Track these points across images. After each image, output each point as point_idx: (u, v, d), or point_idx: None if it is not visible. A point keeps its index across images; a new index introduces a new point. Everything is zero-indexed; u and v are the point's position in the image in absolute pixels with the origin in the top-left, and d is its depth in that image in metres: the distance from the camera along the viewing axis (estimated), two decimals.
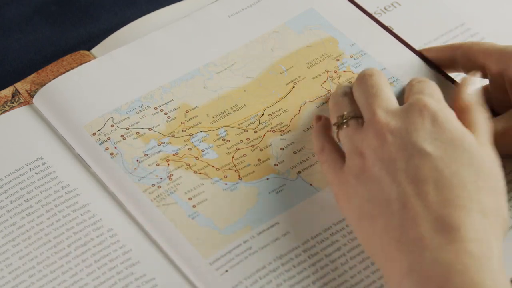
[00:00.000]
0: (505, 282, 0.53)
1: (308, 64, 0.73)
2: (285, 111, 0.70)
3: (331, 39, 0.74)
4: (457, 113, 0.61)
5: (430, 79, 0.71)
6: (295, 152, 0.67)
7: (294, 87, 0.72)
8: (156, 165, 0.67)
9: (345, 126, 0.62)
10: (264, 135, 0.69)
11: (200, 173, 0.66)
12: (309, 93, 0.71)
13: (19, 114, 0.72)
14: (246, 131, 0.69)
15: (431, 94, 0.62)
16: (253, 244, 0.62)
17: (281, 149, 0.68)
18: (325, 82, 0.72)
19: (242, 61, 0.73)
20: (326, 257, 0.62)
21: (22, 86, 0.74)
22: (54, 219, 0.65)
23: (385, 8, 0.80)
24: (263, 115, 0.70)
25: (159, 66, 0.73)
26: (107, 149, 0.68)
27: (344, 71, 0.72)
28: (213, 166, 0.67)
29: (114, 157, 0.67)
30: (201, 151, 0.68)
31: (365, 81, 0.63)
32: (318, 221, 0.63)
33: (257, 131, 0.69)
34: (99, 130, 0.69)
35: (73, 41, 0.80)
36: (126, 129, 0.69)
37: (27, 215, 0.65)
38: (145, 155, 0.67)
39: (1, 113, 0.72)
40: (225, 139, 0.68)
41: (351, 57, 0.73)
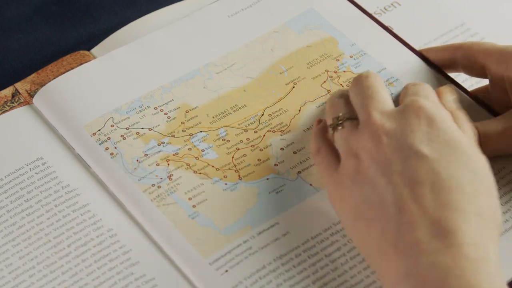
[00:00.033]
0: (502, 284, 0.53)
1: (308, 64, 0.73)
2: (285, 111, 0.70)
3: (331, 39, 0.74)
4: None
5: (430, 79, 0.71)
6: (295, 152, 0.67)
7: (294, 87, 0.72)
8: (156, 165, 0.67)
9: (340, 127, 0.62)
10: (264, 135, 0.69)
11: (200, 173, 0.66)
12: (309, 93, 0.71)
13: (19, 114, 0.72)
14: (246, 131, 0.69)
15: (427, 96, 0.61)
16: (253, 244, 0.62)
17: (281, 149, 0.68)
18: (325, 82, 0.72)
19: (242, 61, 0.73)
20: (326, 257, 0.62)
21: (22, 86, 0.74)
22: (54, 219, 0.65)
23: (385, 8, 0.80)
24: (263, 115, 0.70)
25: (159, 66, 0.73)
26: (107, 149, 0.68)
27: (344, 71, 0.72)
28: (213, 166, 0.67)
29: (114, 157, 0.67)
30: (201, 151, 0.68)
31: (360, 83, 0.63)
32: (318, 221, 0.63)
33: (257, 131, 0.69)
34: (99, 130, 0.69)
35: (73, 41, 0.80)
36: (126, 129, 0.69)
37: (27, 215, 0.65)
38: (145, 155, 0.67)
39: (1, 113, 0.72)
40: (225, 139, 0.68)
41: (351, 57, 0.73)
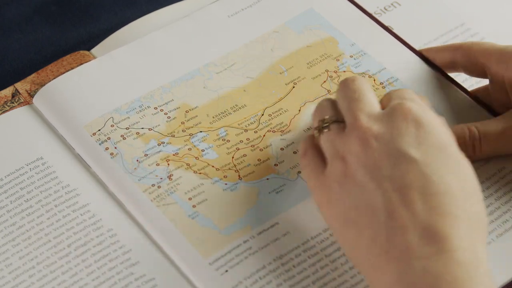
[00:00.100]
0: (492, 286, 0.53)
1: (308, 64, 0.73)
2: (285, 111, 0.70)
3: (331, 39, 0.74)
4: None
5: (430, 79, 0.71)
6: (295, 152, 0.67)
7: (294, 87, 0.72)
8: (156, 165, 0.67)
9: (326, 130, 0.60)
10: (264, 135, 0.69)
11: (200, 173, 0.66)
12: (309, 93, 0.71)
13: (19, 114, 0.72)
14: (246, 131, 0.69)
15: (413, 99, 0.60)
16: (253, 244, 0.62)
17: (281, 149, 0.68)
18: (325, 82, 0.72)
19: (242, 61, 0.73)
20: (326, 257, 0.62)
21: (22, 86, 0.74)
22: (54, 219, 0.65)
23: (385, 8, 0.80)
24: (263, 115, 0.70)
25: (159, 66, 0.73)
26: (107, 149, 0.68)
27: (344, 71, 0.72)
28: (213, 166, 0.67)
29: (114, 157, 0.67)
30: (201, 151, 0.68)
31: (347, 86, 0.62)
32: (318, 221, 0.63)
33: (257, 131, 0.69)
34: (99, 130, 0.69)
35: (73, 41, 0.80)
36: (126, 129, 0.69)
37: (27, 215, 0.65)
38: (145, 155, 0.67)
39: (1, 113, 0.72)
40: (225, 139, 0.68)
41: (351, 57, 0.73)
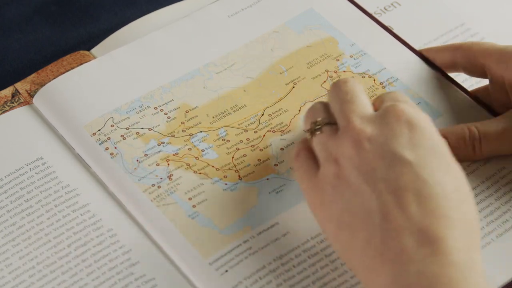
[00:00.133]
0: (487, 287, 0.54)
1: (308, 64, 0.73)
2: (285, 111, 0.70)
3: (331, 39, 0.74)
4: None
5: (430, 79, 0.71)
6: None
7: (294, 87, 0.72)
8: (156, 165, 0.67)
9: (318, 132, 0.60)
10: (264, 135, 0.69)
11: (200, 173, 0.66)
12: (309, 93, 0.71)
13: (19, 114, 0.72)
14: (246, 131, 0.69)
15: (406, 101, 0.60)
16: (253, 244, 0.62)
17: (281, 149, 0.68)
18: (325, 82, 0.72)
19: (242, 61, 0.73)
20: (326, 257, 0.62)
21: (22, 86, 0.74)
22: (54, 219, 0.65)
23: (385, 8, 0.80)
24: (263, 115, 0.70)
25: (159, 66, 0.73)
26: (107, 149, 0.68)
27: (344, 71, 0.72)
28: (213, 166, 0.67)
29: (114, 157, 0.67)
30: (201, 151, 0.68)
31: (339, 88, 0.61)
32: None
33: (257, 131, 0.69)
34: (99, 130, 0.69)
35: (73, 41, 0.80)
36: (126, 129, 0.69)
37: (27, 215, 0.65)
38: (145, 155, 0.67)
39: (1, 113, 0.72)
40: (225, 139, 0.68)
41: (351, 57, 0.73)
